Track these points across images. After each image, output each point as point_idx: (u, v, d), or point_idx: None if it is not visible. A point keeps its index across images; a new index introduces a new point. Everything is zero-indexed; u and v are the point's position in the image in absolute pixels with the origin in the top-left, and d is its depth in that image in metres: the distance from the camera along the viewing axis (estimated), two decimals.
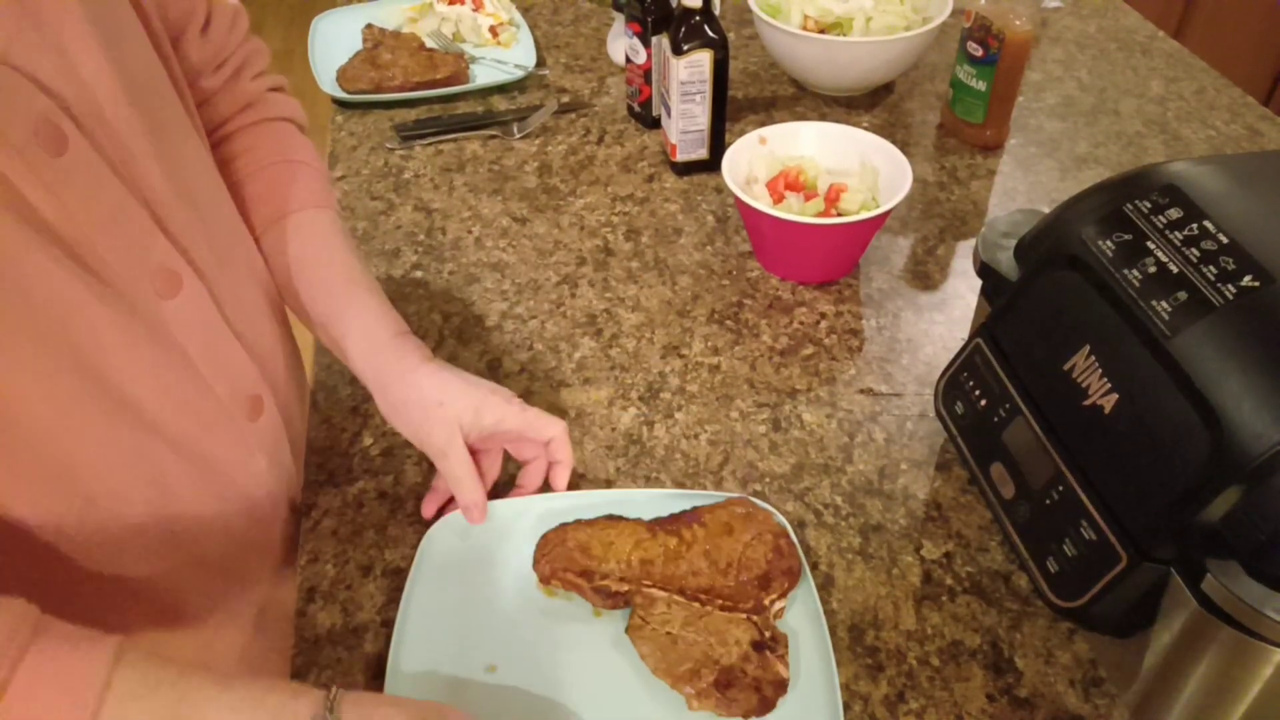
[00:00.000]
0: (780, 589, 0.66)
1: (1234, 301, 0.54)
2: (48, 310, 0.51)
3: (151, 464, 0.59)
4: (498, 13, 1.35)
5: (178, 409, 0.60)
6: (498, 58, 1.29)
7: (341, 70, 1.24)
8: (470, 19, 1.34)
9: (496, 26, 1.34)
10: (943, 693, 0.64)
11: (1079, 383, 0.60)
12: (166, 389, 0.59)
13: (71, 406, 0.53)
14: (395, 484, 0.77)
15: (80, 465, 0.55)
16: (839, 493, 0.76)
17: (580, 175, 1.11)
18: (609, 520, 0.70)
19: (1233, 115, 1.19)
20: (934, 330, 0.91)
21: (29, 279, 0.49)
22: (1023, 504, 0.64)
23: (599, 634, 0.66)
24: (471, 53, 1.30)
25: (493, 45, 1.33)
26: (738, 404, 0.84)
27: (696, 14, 0.99)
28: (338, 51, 1.28)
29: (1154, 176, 0.63)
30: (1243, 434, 0.50)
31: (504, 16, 1.36)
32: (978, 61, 1.08)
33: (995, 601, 0.69)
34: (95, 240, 0.53)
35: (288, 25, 3.45)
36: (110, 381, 0.55)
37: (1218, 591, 0.52)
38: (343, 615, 0.68)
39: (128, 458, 0.58)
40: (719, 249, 1.00)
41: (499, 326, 0.92)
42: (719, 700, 0.61)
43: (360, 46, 1.29)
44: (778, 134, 0.98)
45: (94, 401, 0.55)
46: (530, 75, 1.26)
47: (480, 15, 1.34)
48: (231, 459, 0.66)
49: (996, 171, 1.11)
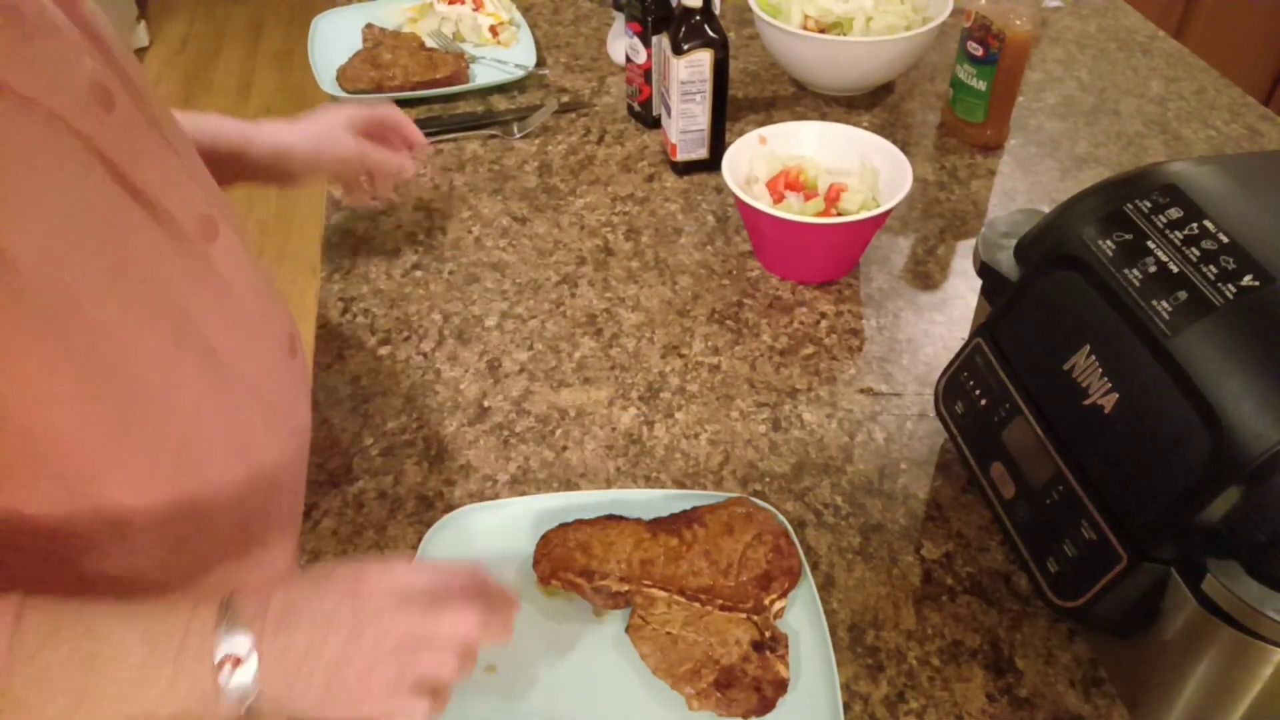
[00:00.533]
0: (780, 589, 0.66)
1: (1234, 301, 0.54)
2: (137, 255, 0.54)
3: (231, 407, 0.62)
4: (498, 12, 1.35)
5: (241, 349, 0.63)
6: (498, 57, 1.29)
7: (341, 70, 1.24)
8: (470, 19, 1.34)
9: (497, 26, 1.34)
10: (943, 693, 0.64)
11: (1079, 383, 0.60)
12: (231, 329, 0.62)
13: (166, 345, 0.56)
14: (395, 484, 0.77)
15: (174, 398, 0.57)
16: (839, 493, 0.76)
17: (580, 175, 1.11)
18: (609, 520, 0.70)
19: (1233, 115, 1.19)
20: (934, 330, 0.91)
21: (121, 226, 0.53)
22: (1023, 504, 0.64)
23: (599, 634, 0.66)
24: (472, 52, 1.30)
25: (493, 45, 1.33)
26: (738, 404, 0.84)
27: (697, 14, 0.99)
28: (338, 51, 1.28)
29: (1154, 176, 0.63)
30: (1243, 434, 0.50)
31: (504, 16, 1.35)
32: (978, 61, 1.08)
33: (995, 601, 0.69)
34: (155, 188, 0.56)
35: (288, 25, 3.45)
36: (193, 325, 0.58)
37: (1218, 591, 0.52)
38: None
39: (210, 391, 0.60)
40: (719, 249, 1.00)
41: (499, 326, 0.92)
42: (719, 700, 0.61)
43: (360, 46, 1.29)
44: (778, 134, 0.98)
45: (185, 348, 0.57)
46: (530, 75, 1.26)
47: (480, 15, 1.34)
48: (285, 397, 0.69)
49: (996, 171, 1.11)
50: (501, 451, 0.80)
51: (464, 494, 0.76)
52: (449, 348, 0.89)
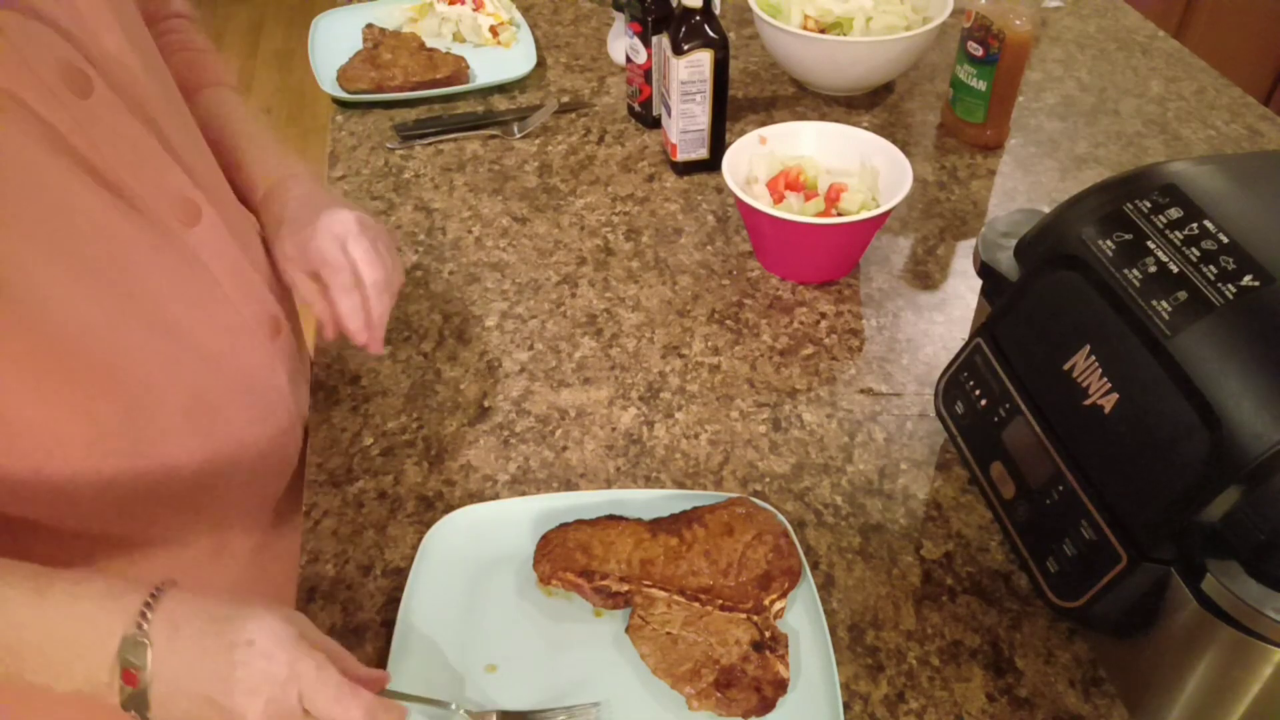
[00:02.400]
0: (780, 589, 0.66)
1: (1234, 301, 0.54)
2: (89, 231, 0.58)
3: (188, 373, 0.66)
4: (498, 12, 1.35)
5: (208, 325, 0.67)
6: (498, 58, 1.30)
7: (342, 70, 1.24)
8: (471, 19, 1.34)
9: (497, 26, 1.34)
10: (943, 693, 0.64)
11: (1079, 383, 0.60)
12: (197, 306, 0.66)
13: (115, 318, 0.60)
14: (395, 484, 0.77)
15: (122, 369, 0.62)
16: (839, 493, 0.77)
17: (580, 175, 1.11)
18: (609, 520, 0.70)
19: (1233, 115, 1.19)
20: (934, 330, 0.91)
21: (70, 203, 0.56)
22: (1023, 504, 0.64)
23: (599, 634, 0.66)
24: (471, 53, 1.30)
25: (493, 45, 1.33)
26: (738, 404, 0.84)
27: (697, 14, 0.99)
28: (338, 51, 1.28)
29: (1154, 176, 0.63)
30: (1242, 434, 0.50)
31: (504, 16, 1.35)
32: (978, 61, 1.08)
33: (995, 601, 0.69)
34: (122, 173, 0.60)
35: (288, 25, 3.45)
36: (148, 298, 0.62)
37: (1218, 591, 0.52)
38: (343, 615, 0.68)
39: (165, 365, 0.64)
40: (719, 249, 1.00)
41: (499, 326, 0.92)
42: (719, 700, 0.61)
43: (361, 46, 1.29)
44: (778, 134, 0.98)
45: (134, 315, 0.62)
46: (530, 75, 1.26)
47: (481, 15, 1.34)
48: (258, 373, 0.73)
49: (996, 171, 1.11)
50: (501, 451, 0.80)
51: (464, 494, 0.76)
52: (449, 348, 0.90)
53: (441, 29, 1.34)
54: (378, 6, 1.40)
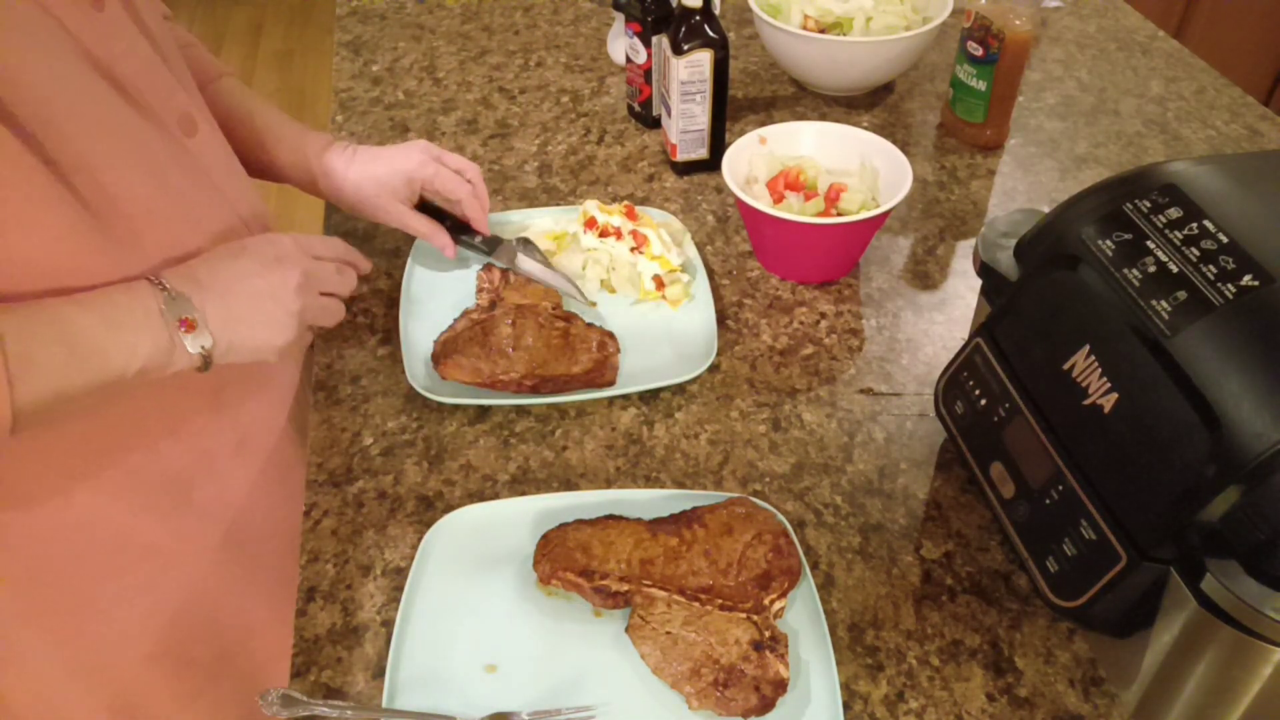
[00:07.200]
0: (780, 589, 0.66)
1: (1234, 301, 0.54)
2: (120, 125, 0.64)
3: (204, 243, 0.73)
4: (665, 256, 0.91)
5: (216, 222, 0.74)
6: (657, 319, 0.90)
7: (442, 344, 0.84)
8: (628, 264, 0.92)
9: (663, 275, 0.92)
10: (943, 692, 0.64)
11: (1079, 382, 0.60)
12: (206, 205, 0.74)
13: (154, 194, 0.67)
14: (395, 484, 0.77)
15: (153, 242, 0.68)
16: (839, 492, 0.77)
17: (580, 175, 1.11)
18: (609, 520, 0.70)
19: (1233, 115, 1.19)
20: (934, 330, 0.91)
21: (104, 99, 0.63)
22: (1023, 504, 0.64)
23: (599, 634, 0.67)
24: (614, 304, 0.92)
25: (655, 299, 0.92)
26: (738, 404, 0.84)
27: (696, 14, 1.00)
28: (440, 292, 0.92)
29: (1154, 176, 0.63)
30: (1242, 433, 0.50)
31: (674, 261, 0.92)
32: (978, 61, 1.08)
33: (995, 601, 0.69)
34: (138, 82, 0.66)
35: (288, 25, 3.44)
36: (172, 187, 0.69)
37: (1218, 591, 0.52)
38: (343, 615, 0.68)
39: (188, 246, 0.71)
40: (719, 249, 1.00)
41: None
42: (719, 700, 0.61)
43: (473, 295, 0.91)
44: (778, 134, 0.98)
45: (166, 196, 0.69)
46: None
47: (643, 259, 0.92)
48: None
49: (996, 171, 1.11)
50: (501, 451, 0.80)
51: (464, 494, 0.76)
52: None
53: (587, 272, 0.94)
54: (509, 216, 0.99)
